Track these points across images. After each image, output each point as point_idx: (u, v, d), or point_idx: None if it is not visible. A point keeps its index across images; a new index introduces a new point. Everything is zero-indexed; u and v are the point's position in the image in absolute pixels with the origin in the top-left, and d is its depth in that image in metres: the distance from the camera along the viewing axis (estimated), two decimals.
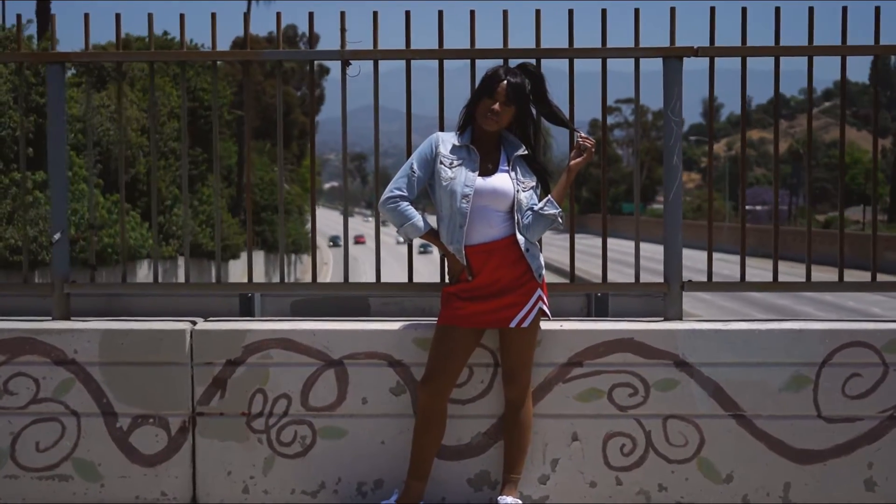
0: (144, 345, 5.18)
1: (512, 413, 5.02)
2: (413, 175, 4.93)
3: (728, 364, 5.11)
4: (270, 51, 5.28)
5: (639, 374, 5.13)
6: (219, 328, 5.22)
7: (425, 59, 5.31)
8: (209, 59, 5.28)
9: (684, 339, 5.12)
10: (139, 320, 5.34)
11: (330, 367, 5.16)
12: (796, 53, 5.26)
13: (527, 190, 4.92)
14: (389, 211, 4.92)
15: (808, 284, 5.40)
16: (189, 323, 5.27)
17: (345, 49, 5.26)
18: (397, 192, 4.91)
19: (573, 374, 5.14)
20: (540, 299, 4.94)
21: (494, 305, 4.88)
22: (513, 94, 4.84)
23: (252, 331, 5.19)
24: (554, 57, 5.29)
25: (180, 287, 5.55)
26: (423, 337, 5.12)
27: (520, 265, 4.89)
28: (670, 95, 5.22)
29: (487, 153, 4.95)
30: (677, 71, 5.23)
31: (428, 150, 4.96)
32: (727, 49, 5.24)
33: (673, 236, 5.27)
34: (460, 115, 4.98)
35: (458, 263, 4.91)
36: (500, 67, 4.96)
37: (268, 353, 5.16)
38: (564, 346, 5.13)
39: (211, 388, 5.17)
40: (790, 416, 5.12)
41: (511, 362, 4.98)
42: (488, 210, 4.87)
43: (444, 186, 4.88)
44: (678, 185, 5.26)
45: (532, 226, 4.91)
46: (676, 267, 5.31)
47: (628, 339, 5.13)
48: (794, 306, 32.31)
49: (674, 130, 5.23)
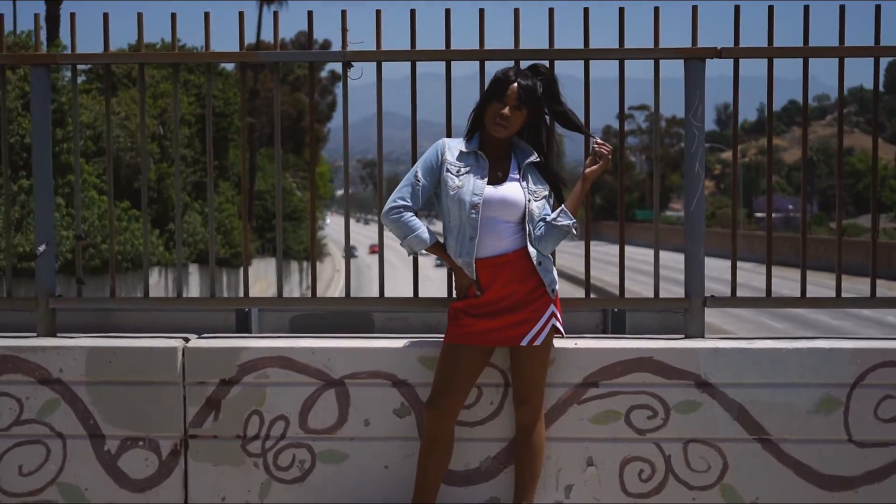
0: (133, 363, 4.90)
1: (523, 436, 4.72)
2: (417, 184, 4.64)
3: (753, 385, 4.81)
4: (267, 52, 4.99)
5: (658, 396, 4.83)
6: (212, 346, 4.94)
7: (431, 60, 5.02)
8: (203, 60, 5.00)
9: (706, 359, 4.82)
10: (128, 337, 5.06)
11: (330, 387, 4.87)
12: (827, 55, 4.95)
13: (539, 199, 4.63)
14: (392, 222, 4.63)
15: (837, 301, 5.08)
16: (181, 340, 4.99)
17: (346, 50, 4.98)
18: (401, 202, 4.63)
19: (588, 395, 4.84)
20: (553, 316, 4.64)
21: (505, 322, 4.59)
22: (524, 97, 4.55)
23: (247, 348, 4.91)
24: (568, 58, 4.99)
25: (172, 302, 5.26)
26: (429, 355, 4.84)
27: (531, 279, 4.60)
28: (692, 99, 4.93)
29: (497, 160, 4.66)
30: (699, 73, 4.94)
31: (433, 157, 4.67)
32: (753, 50, 4.93)
33: (695, 248, 4.97)
34: (468, 119, 4.69)
35: (466, 278, 4.62)
36: (510, 69, 4.67)
37: (264, 372, 4.89)
38: (579, 365, 4.84)
39: (204, 409, 4.89)
40: (819, 441, 4.82)
41: (522, 382, 4.69)
42: (498, 221, 4.58)
43: (452, 196, 4.59)
44: (700, 194, 4.95)
45: (545, 238, 4.62)
46: (698, 281, 5.00)
47: (647, 357, 4.83)
48: (830, 321, 30.50)
49: (696, 136, 4.93)
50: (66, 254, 19.09)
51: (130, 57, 5.11)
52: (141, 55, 5.01)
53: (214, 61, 4.98)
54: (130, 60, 5.10)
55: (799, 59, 4.98)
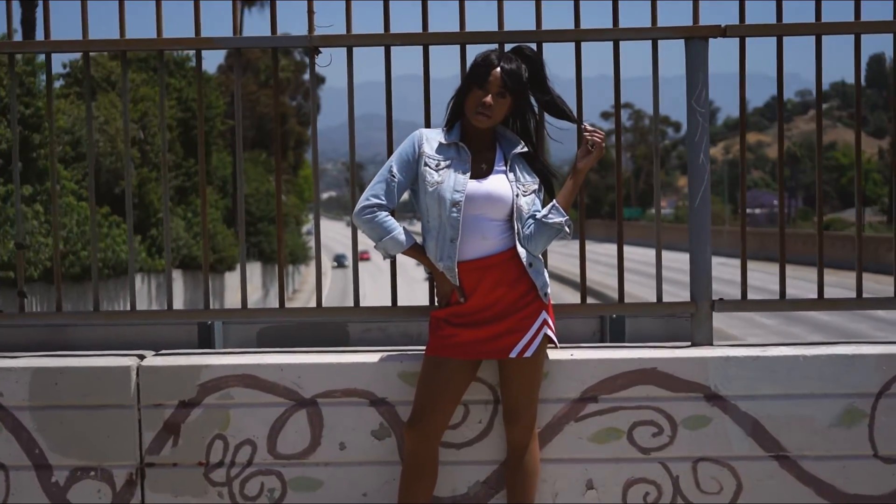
0: (82, 385, 4.43)
1: (515, 458, 4.27)
2: (392, 180, 4.18)
3: (768, 397, 4.37)
4: (225, 37, 4.52)
5: (664, 411, 4.39)
6: (170, 364, 4.47)
7: (406, 44, 4.55)
8: (153, 48, 4.52)
9: (716, 368, 4.38)
10: (76, 356, 4.59)
11: (301, 407, 4.42)
12: (842, 31, 4.51)
13: (528, 194, 4.18)
14: (365, 223, 4.17)
15: (858, 302, 4.64)
16: (135, 358, 4.52)
17: (313, 34, 4.51)
18: (374, 201, 4.17)
19: (587, 411, 4.40)
20: (545, 324, 4.19)
21: (492, 332, 4.14)
22: (508, 82, 4.10)
23: (209, 366, 4.44)
24: (558, 40, 4.54)
25: (124, 316, 4.79)
26: (410, 370, 4.39)
27: (521, 283, 4.15)
28: (694, 83, 4.48)
29: (480, 152, 4.21)
30: (702, 54, 4.49)
31: (410, 150, 4.21)
32: (760, 27, 4.50)
33: (700, 248, 4.52)
34: (447, 107, 4.24)
35: (449, 283, 4.16)
36: (492, 52, 4.21)
37: (228, 392, 4.42)
38: (576, 378, 4.39)
39: (162, 435, 4.43)
40: (842, 457, 4.38)
41: (513, 398, 4.24)
42: (482, 219, 4.12)
43: (430, 192, 4.13)
44: (706, 188, 4.51)
45: (535, 237, 4.17)
46: (705, 283, 4.55)
47: (651, 369, 4.39)
48: (847, 324, 28.59)
49: (699, 124, 4.49)
50: (46, 262, 18.62)
51: (74, 45, 4.63)
52: (85, 43, 4.54)
53: (166, 48, 4.51)
54: (74, 49, 4.61)
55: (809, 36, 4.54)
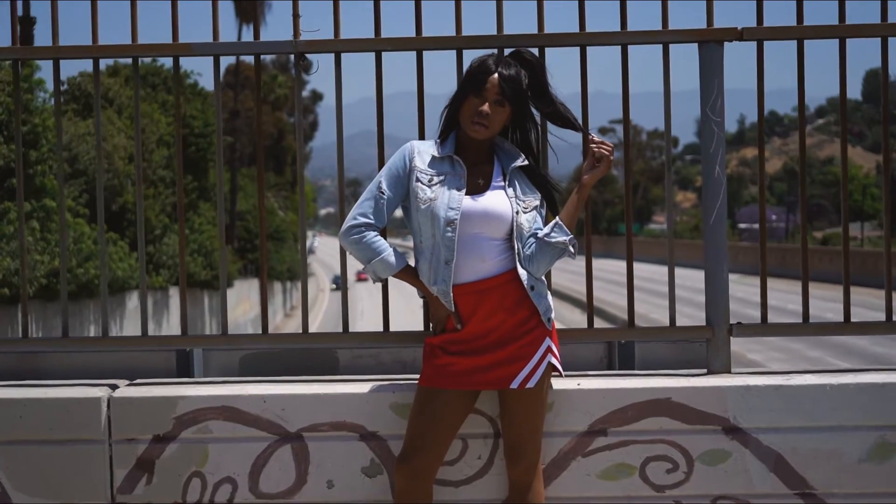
0: (49, 418, 4.09)
1: (517, 497, 3.93)
2: (382, 197, 3.84)
3: (793, 429, 4.03)
4: (203, 43, 4.19)
5: (679, 445, 4.04)
6: (143, 395, 4.13)
7: (398, 50, 4.22)
8: (127, 54, 4.20)
9: (736, 399, 4.04)
10: (43, 386, 4.25)
11: (286, 441, 4.08)
12: (867, 34, 4.19)
13: (529, 211, 3.85)
14: (352, 244, 3.84)
15: (888, 326, 4.29)
16: (107, 388, 4.18)
17: (298, 40, 4.18)
18: (362, 220, 3.83)
19: (595, 445, 4.05)
20: (549, 351, 3.85)
21: (491, 361, 3.80)
22: (506, 90, 3.76)
23: (185, 397, 4.10)
24: (562, 44, 4.22)
25: (95, 343, 4.45)
26: (403, 401, 4.05)
27: (522, 308, 3.82)
28: (709, 90, 4.16)
29: (476, 165, 3.87)
30: (717, 59, 4.17)
31: (400, 164, 3.88)
32: (780, 30, 4.18)
33: (716, 268, 4.19)
34: (440, 117, 3.90)
35: (444, 308, 3.82)
36: (489, 56, 3.87)
37: (206, 425, 4.08)
38: (583, 409, 4.05)
39: (135, 472, 4.08)
40: (873, 494, 4.04)
41: (515, 432, 3.89)
42: (480, 239, 3.79)
43: (423, 210, 3.80)
44: (722, 204, 4.18)
45: (537, 257, 3.84)
46: (722, 306, 4.22)
47: (664, 399, 4.05)
48: (872, 347, 26.62)
49: (715, 134, 4.16)
50: (41, 279, 18.32)
51: (46, 52, 4.29)
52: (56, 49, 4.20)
53: (141, 55, 4.18)
54: (44, 56, 4.27)
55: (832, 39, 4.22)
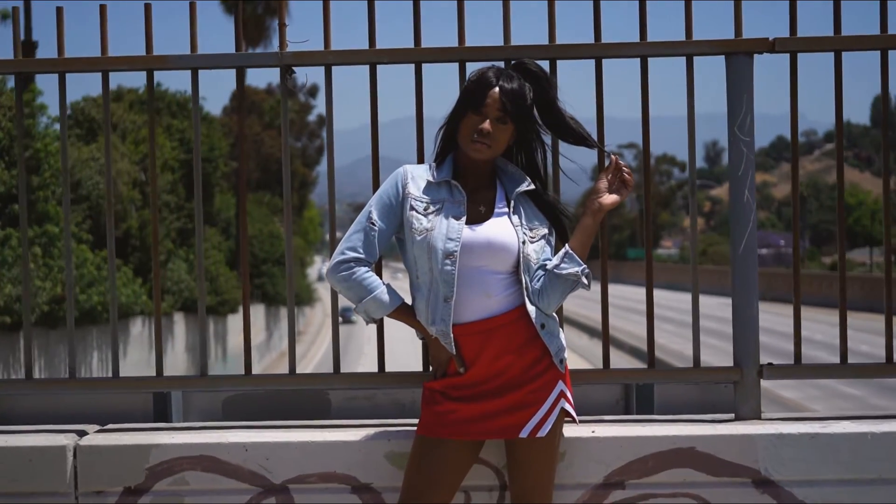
0: (10, 468, 3.71)
1: None
2: (373, 228, 3.46)
3: (830, 482, 3.64)
4: (181, 55, 3.83)
5: (704, 499, 3.66)
6: (114, 443, 3.74)
7: (395, 62, 3.86)
8: (96, 68, 3.84)
9: (767, 448, 3.65)
10: (5, 432, 3.86)
11: (270, 494, 3.70)
12: None
13: (536, 240, 3.47)
14: (341, 281, 3.45)
15: None
16: (74, 435, 3.80)
17: (284, 52, 3.82)
18: (351, 255, 3.44)
19: (612, 499, 3.67)
20: (562, 396, 3.47)
21: (498, 407, 3.41)
22: (509, 105, 3.38)
23: (160, 446, 3.72)
24: (575, 56, 3.85)
25: (60, 385, 4.07)
26: (400, 451, 3.67)
27: (532, 348, 3.43)
28: (737, 106, 3.78)
29: (477, 191, 3.48)
30: (746, 72, 3.80)
31: (392, 192, 3.50)
32: (816, 41, 3.81)
33: (746, 302, 3.80)
34: (436, 137, 3.52)
35: (445, 351, 3.44)
36: (489, 69, 3.48)
37: (182, 476, 3.70)
38: (599, 459, 3.66)
39: None
40: None
41: (524, 485, 3.49)
42: (483, 272, 3.40)
43: (419, 242, 3.41)
44: (751, 231, 3.79)
45: (547, 291, 3.45)
46: (752, 346, 3.83)
47: (688, 448, 3.66)
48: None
49: (744, 155, 3.78)
50: (43, 306, 18.05)
51: (46, 64, 3.90)
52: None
53: (111, 68, 3.82)
54: (46, 68, 3.88)
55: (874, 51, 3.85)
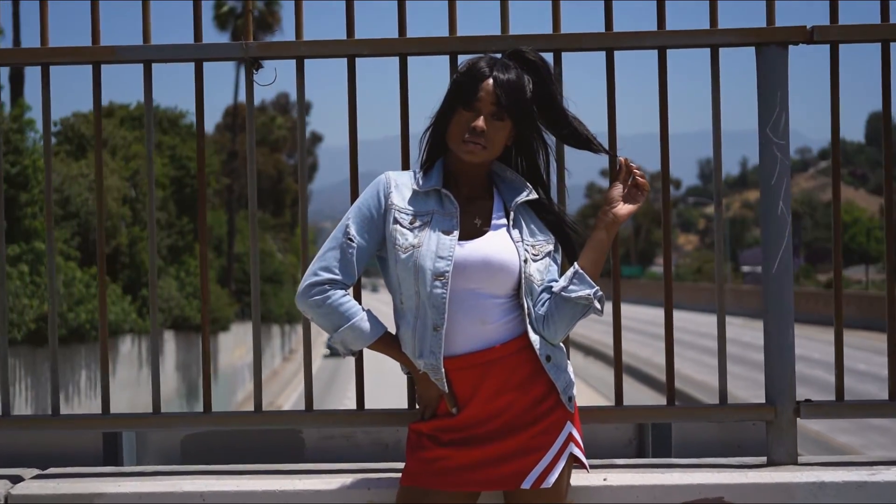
0: None
1: None
2: (350, 245, 2.96)
3: None
4: (131, 46, 3.34)
5: None
6: (51, 492, 3.25)
7: (375, 55, 3.37)
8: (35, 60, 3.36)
9: (807, 498, 3.17)
10: None
11: None
12: None
13: (540, 258, 2.98)
14: (313, 307, 2.95)
15: None
16: (7, 482, 3.31)
17: (250, 42, 3.34)
18: (324, 276, 2.94)
19: None
20: (571, 439, 2.98)
21: (496, 453, 2.92)
22: (505, 99, 2.89)
23: (103, 495, 3.23)
24: (584, 47, 3.36)
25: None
26: (381, 500, 3.19)
27: (536, 384, 2.95)
28: (769, 104, 3.30)
29: (472, 201, 2.98)
30: (781, 65, 3.32)
31: (373, 203, 2.99)
32: (858, 29, 3.34)
33: (780, 330, 3.31)
34: (422, 139, 3.02)
35: (434, 387, 2.94)
36: (482, 58, 2.98)
37: None
38: None
39: None
40: None
41: None
42: (479, 296, 2.90)
43: (403, 260, 2.91)
44: (787, 249, 3.30)
45: (553, 317, 2.96)
46: (787, 380, 3.33)
47: (715, 499, 3.17)
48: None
49: (777, 160, 3.30)
50: (30, 323, 17.73)
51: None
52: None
53: (51, 61, 3.32)
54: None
55: None
